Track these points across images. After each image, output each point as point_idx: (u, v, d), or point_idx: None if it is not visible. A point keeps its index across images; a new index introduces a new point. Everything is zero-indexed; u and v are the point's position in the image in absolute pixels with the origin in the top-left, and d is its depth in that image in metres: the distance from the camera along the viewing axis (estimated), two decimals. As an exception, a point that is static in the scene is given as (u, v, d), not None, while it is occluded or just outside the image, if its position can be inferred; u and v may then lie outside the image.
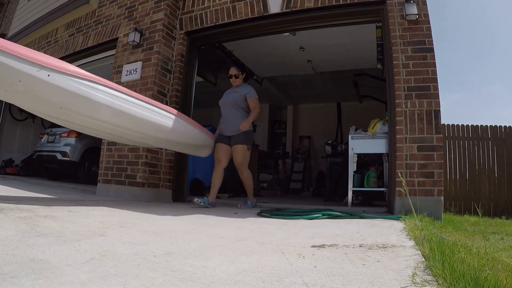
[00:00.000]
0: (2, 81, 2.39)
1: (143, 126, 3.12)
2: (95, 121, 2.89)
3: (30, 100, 2.63)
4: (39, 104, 2.70)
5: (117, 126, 3.02)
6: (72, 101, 2.63)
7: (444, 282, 1.04)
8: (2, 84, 2.40)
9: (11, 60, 2.28)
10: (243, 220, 2.62)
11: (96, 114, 2.81)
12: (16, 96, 2.54)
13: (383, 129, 3.83)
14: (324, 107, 9.40)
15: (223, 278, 1.09)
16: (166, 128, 3.26)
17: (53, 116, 2.89)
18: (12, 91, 2.46)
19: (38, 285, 0.93)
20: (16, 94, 2.49)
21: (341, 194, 4.79)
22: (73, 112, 2.75)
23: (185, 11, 4.71)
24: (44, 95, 2.53)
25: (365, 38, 4.88)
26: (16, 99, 2.62)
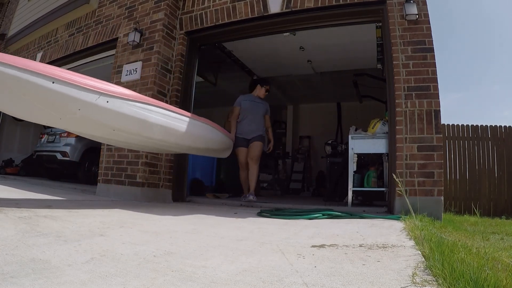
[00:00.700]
0: (61, 110, 2.44)
1: (185, 138, 3.35)
2: (142, 138, 3.02)
3: (82, 125, 2.69)
4: (91, 128, 2.76)
5: (162, 141, 3.18)
6: (127, 123, 2.75)
7: (444, 282, 1.04)
8: (59, 112, 2.45)
9: (71, 90, 2.34)
10: (243, 220, 2.62)
11: (147, 133, 2.97)
12: (69, 123, 2.60)
13: (383, 129, 3.83)
14: (324, 107, 9.39)
15: (223, 278, 1.09)
16: (202, 137, 3.59)
17: (97, 135, 2.98)
18: (67, 119, 2.51)
19: (38, 285, 0.93)
20: (70, 120, 2.55)
21: (341, 194, 4.79)
22: (125, 133, 2.86)
23: (185, 11, 4.71)
24: (101, 119, 2.61)
25: (365, 38, 4.88)
26: (68, 125, 2.68)
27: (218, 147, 3.95)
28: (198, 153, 3.99)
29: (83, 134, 3.03)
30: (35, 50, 6.68)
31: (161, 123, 2.98)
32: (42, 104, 2.36)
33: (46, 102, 2.34)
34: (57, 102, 2.37)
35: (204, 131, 3.58)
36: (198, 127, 3.46)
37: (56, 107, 2.42)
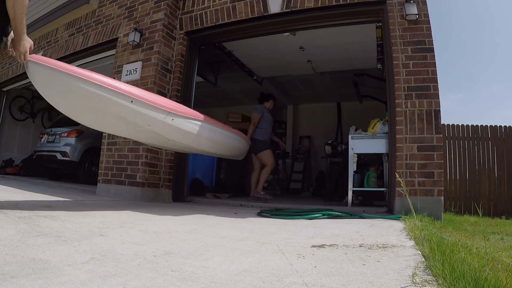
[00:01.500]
0: (132, 124, 2.72)
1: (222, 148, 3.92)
2: (188, 147, 3.43)
3: (143, 135, 3.00)
4: (150, 138, 3.08)
5: (203, 151, 3.69)
6: (183, 136, 3.15)
7: (444, 282, 1.04)
8: (130, 126, 2.74)
9: (145, 108, 2.65)
10: (243, 220, 2.62)
11: (196, 144, 3.39)
12: (133, 133, 2.92)
13: (383, 129, 3.83)
14: (324, 107, 9.39)
15: (223, 278, 1.09)
16: (234, 147, 4.14)
17: (150, 142, 3.32)
18: (135, 131, 2.83)
19: (38, 285, 0.93)
20: (135, 132, 2.87)
21: (341, 194, 4.79)
22: (177, 143, 3.23)
23: (185, 11, 4.71)
24: (163, 133, 2.95)
25: (365, 38, 4.88)
26: (131, 135, 3.00)
27: (242, 153, 4.53)
28: (222, 156, 4.47)
29: (137, 139, 3.33)
30: (35, 50, 6.67)
31: (208, 137, 3.44)
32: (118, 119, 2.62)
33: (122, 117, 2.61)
34: (132, 118, 2.65)
35: (237, 142, 4.16)
36: (233, 139, 4.03)
37: (129, 122, 2.69)
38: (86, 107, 2.45)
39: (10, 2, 1.87)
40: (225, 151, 3.99)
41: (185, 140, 3.18)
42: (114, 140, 4.41)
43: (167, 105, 2.88)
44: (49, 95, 2.35)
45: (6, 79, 7.45)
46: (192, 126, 3.14)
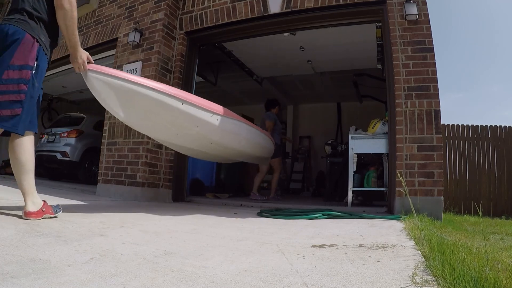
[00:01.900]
0: (182, 127, 2.84)
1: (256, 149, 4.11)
2: (227, 149, 3.55)
3: (189, 140, 3.10)
4: (195, 142, 3.19)
5: (239, 152, 3.81)
6: (225, 136, 3.28)
7: (444, 282, 1.04)
8: (179, 128, 2.84)
9: (195, 110, 2.76)
10: (243, 220, 2.62)
11: (234, 145, 3.52)
12: (181, 138, 3.00)
13: (383, 129, 3.83)
14: (324, 107, 9.39)
15: (223, 278, 1.09)
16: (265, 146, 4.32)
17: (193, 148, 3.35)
18: (183, 134, 2.94)
19: (38, 285, 0.93)
20: (183, 136, 2.97)
21: (341, 194, 4.79)
22: (217, 145, 3.34)
23: (185, 11, 4.71)
24: (208, 134, 3.06)
25: (365, 38, 4.88)
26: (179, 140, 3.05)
27: (269, 154, 4.77)
28: (251, 158, 4.54)
29: (181, 147, 3.38)
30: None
31: (246, 136, 3.61)
32: (169, 122, 2.73)
33: (173, 119, 2.71)
34: (182, 120, 2.76)
35: (266, 142, 4.34)
36: (263, 139, 4.19)
37: (180, 124, 2.80)
38: (142, 111, 2.55)
39: (60, 17, 1.98)
40: (257, 151, 4.18)
41: (227, 140, 3.32)
42: (114, 140, 4.41)
43: (210, 105, 2.99)
44: (108, 103, 2.42)
45: (6, 79, 7.44)
46: (232, 126, 3.30)
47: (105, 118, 4.62)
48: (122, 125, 4.37)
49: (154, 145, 4.24)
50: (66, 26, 1.99)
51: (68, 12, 1.96)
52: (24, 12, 1.94)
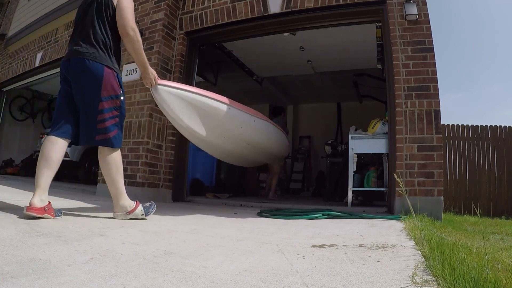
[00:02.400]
0: (229, 129, 3.27)
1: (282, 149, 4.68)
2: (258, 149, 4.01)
3: (231, 142, 3.48)
4: (236, 144, 3.58)
5: (266, 152, 4.31)
6: (260, 136, 3.76)
7: (444, 282, 1.04)
8: (227, 131, 3.26)
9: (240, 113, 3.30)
10: (243, 220, 2.62)
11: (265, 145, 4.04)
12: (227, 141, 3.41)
13: (383, 129, 3.83)
14: (324, 107, 9.39)
15: (223, 278, 1.09)
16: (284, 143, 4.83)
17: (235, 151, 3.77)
18: (229, 136, 3.36)
19: (38, 285, 0.93)
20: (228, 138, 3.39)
21: (341, 194, 4.79)
22: (252, 147, 3.81)
23: (185, 11, 4.70)
24: (248, 135, 3.55)
25: (365, 38, 4.88)
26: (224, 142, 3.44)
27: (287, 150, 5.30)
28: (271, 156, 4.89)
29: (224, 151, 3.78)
30: (35, 50, 6.68)
31: (276, 137, 4.15)
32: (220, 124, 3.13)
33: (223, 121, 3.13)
34: (229, 122, 3.20)
35: (284, 139, 4.80)
36: (283, 137, 4.67)
37: (227, 126, 3.23)
38: (199, 115, 2.94)
39: (128, 44, 2.26)
40: (279, 148, 4.62)
41: (261, 139, 3.82)
42: (114, 140, 4.41)
43: (249, 109, 3.53)
44: (173, 114, 2.75)
45: (6, 79, 7.46)
46: (264, 126, 3.83)
47: (105, 118, 4.62)
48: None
49: (154, 145, 4.24)
50: (134, 50, 2.27)
51: (133, 38, 2.25)
52: (94, 43, 2.17)
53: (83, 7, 2.33)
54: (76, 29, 2.31)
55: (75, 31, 2.30)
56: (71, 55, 2.19)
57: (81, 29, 2.24)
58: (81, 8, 2.35)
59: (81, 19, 2.29)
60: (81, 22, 2.28)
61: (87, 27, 2.22)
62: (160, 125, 4.34)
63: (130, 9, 2.35)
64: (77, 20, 2.33)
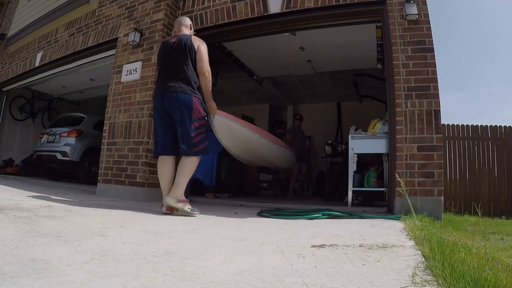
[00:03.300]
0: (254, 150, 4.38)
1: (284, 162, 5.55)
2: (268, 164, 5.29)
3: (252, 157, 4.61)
4: (253, 158, 4.67)
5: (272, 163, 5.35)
6: (266, 151, 4.66)
7: (444, 282, 1.04)
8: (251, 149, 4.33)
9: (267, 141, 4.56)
10: (243, 220, 2.62)
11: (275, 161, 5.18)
12: (249, 150, 4.32)
13: (383, 129, 3.83)
14: (324, 107, 9.39)
15: (223, 278, 1.09)
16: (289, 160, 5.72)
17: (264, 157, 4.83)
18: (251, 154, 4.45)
19: (38, 285, 0.93)
20: (250, 155, 4.45)
21: (341, 194, 4.79)
22: (264, 161, 5.04)
23: (185, 11, 4.70)
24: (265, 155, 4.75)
25: (365, 38, 4.88)
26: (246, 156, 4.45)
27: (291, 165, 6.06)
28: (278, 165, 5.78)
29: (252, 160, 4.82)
30: (35, 50, 6.68)
31: (283, 155, 5.22)
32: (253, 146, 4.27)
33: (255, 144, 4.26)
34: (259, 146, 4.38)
35: (290, 156, 5.64)
36: (290, 155, 5.58)
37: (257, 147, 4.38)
38: (242, 141, 3.98)
39: (202, 80, 2.93)
40: (284, 162, 5.59)
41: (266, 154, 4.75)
42: (114, 140, 4.41)
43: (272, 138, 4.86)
44: (224, 137, 3.60)
45: (6, 79, 7.46)
46: (276, 150, 4.92)
47: (105, 118, 4.62)
48: (122, 125, 4.37)
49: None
50: (205, 86, 2.95)
51: (207, 77, 2.93)
52: (185, 81, 2.85)
53: (168, 49, 2.96)
54: (164, 68, 2.96)
55: (165, 70, 2.95)
56: (166, 90, 2.84)
57: (171, 69, 2.90)
58: (166, 49, 2.97)
59: (168, 59, 2.93)
60: (168, 62, 2.93)
61: (176, 67, 2.88)
62: (160, 125, 4.34)
63: (207, 54, 2.97)
64: (164, 60, 2.96)
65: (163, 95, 2.83)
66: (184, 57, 2.87)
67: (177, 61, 2.88)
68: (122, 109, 4.44)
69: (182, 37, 2.97)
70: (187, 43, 2.90)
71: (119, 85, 4.56)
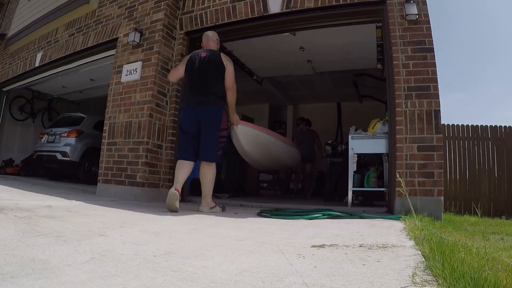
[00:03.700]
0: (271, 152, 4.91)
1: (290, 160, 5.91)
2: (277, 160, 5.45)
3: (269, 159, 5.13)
4: (269, 155, 5.00)
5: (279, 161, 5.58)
6: (280, 151, 5.19)
7: (444, 282, 1.04)
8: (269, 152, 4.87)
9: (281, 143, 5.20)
10: (243, 220, 2.62)
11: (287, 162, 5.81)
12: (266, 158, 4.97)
13: (383, 129, 3.83)
14: (324, 107, 9.39)
15: (223, 278, 1.09)
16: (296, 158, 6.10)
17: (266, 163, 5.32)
18: (268, 156, 4.97)
19: (38, 285, 0.93)
20: (268, 149, 4.80)
21: (341, 194, 4.79)
22: (279, 162, 5.55)
23: (185, 11, 4.71)
24: (280, 156, 5.28)
25: (365, 38, 4.88)
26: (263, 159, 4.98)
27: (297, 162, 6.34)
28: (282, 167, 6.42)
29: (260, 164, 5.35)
30: (35, 50, 6.68)
31: (292, 153, 5.67)
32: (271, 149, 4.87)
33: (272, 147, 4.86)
34: (275, 147, 4.98)
35: (297, 153, 6.02)
36: (296, 151, 5.96)
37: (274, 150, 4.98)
38: (263, 144, 4.51)
39: (229, 94, 3.29)
40: (294, 162, 6.10)
41: (286, 158, 5.53)
42: (114, 140, 4.42)
43: (286, 140, 5.74)
44: (247, 144, 4.20)
45: (6, 79, 7.46)
46: (292, 151, 5.61)
47: (105, 118, 4.62)
48: (122, 125, 4.37)
49: (154, 145, 4.24)
50: (231, 100, 3.34)
51: (234, 92, 3.31)
52: (216, 95, 3.21)
53: (199, 62, 3.25)
54: (194, 80, 3.25)
55: (195, 82, 3.24)
56: (200, 103, 3.16)
57: (202, 83, 3.21)
58: (196, 62, 3.26)
59: (199, 73, 3.23)
60: (199, 76, 3.23)
61: (208, 81, 3.21)
62: (160, 125, 4.35)
63: (233, 72, 3.33)
64: (194, 72, 3.25)
65: (195, 108, 3.15)
66: (215, 73, 3.22)
67: (209, 76, 3.21)
68: (122, 109, 4.44)
69: (212, 53, 3.30)
70: (219, 61, 3.25)
71: (119, 85, 4.56)
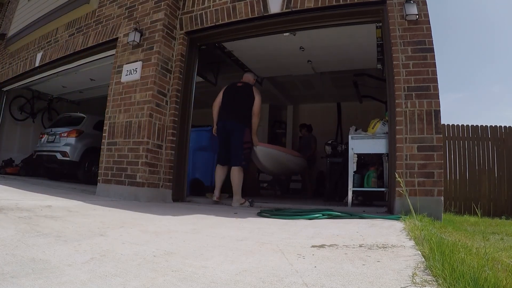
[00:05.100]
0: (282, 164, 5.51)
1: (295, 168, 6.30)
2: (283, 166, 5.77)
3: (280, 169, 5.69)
4: (282, 168, 5.68)
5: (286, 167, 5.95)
6: (290, 163, 5.79)
7: (444, 282, 1.04)
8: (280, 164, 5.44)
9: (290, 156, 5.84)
10: (243, 220, 2.62)
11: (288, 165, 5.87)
12: (280, 166, 5.52)
13: (383, 129, 3.83)
14: (324, 107, 9.38)
15: (223, 278, 1.09)
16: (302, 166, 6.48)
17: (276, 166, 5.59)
18: (280, 166, 5.51)
19: (38, 285, 0.93)
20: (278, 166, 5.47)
21: (341, 194, 4.79)
22: (287, 169, 6.02)
23: (185, 11, 4.70)
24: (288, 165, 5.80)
25: (365, 38, 4.87)
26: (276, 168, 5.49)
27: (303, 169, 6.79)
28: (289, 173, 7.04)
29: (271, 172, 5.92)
30: (35, 50, 6.68)
31: (295, 162, 6.01)
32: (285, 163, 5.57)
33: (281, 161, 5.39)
34: (287, 160, 5.65)
35: (301, 161, 6.33)
36: (303, 161, 6.36)
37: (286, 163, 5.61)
38: (278, 161, 5.23)
39: (254, 118, 4.21)
40: (298, 168, 6.51)
41: (293, 167, 6.06)
42: (114, 140, 4.42)
43: (295, 153, 6.29)
44: (265, 161, 4.85)
45: (6, 79, 7.46)
46: (299, 160, 6.11)
47: (105, 118, 4.62)
48: (122, 125, 4.37)
49: (154, 145, 4.24)
50: (255, 124, 4.25)
51: (258, 117, 4.25)
52: (244, 116, 4.18)
53: (235, 90, 4.35)
54: (229, 103, 4.26)
55: (230, 104, 4.25)
56: (230, 120, 4.16)
57: (235, 106, 4.21)
58: (233, 89, 4.36)
59: (234, 99, 4.26)
60: (234, 101, 4.24)
61: (240, 106, 4.20)
62: (160, 125, 4.35)
63: (260, 101, 4.27)
64: (230, 97, 4.29)
65: (226, 122, 4.16)
66: (246, 100, 4.21)
67: (241, 101, 4.21)
68: (122, 109, 4.44)
69: (247, 85, 4.38)
70: (251, 92, 4.25)
71: (119, 85, 4.56)
